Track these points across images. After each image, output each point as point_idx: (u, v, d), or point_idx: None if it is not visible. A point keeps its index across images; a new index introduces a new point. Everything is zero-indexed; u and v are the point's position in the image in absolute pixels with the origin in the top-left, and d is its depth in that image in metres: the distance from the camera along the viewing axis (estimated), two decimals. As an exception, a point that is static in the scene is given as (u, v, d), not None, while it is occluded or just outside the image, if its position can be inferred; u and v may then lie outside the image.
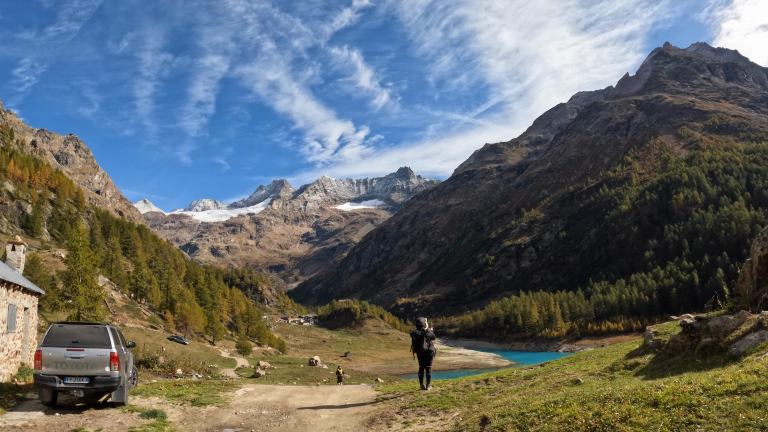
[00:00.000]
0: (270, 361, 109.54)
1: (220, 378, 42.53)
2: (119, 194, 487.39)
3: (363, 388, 26.56)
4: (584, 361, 20.99)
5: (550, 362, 24.41)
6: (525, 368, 24.58)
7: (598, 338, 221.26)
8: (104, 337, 19.00)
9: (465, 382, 22.87)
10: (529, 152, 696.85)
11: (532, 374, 21.12)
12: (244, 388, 24.76)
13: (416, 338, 22.56)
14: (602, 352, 22.98)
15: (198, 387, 25.00)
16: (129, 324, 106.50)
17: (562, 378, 16.30)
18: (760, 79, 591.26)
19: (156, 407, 19.63)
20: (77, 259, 62.07)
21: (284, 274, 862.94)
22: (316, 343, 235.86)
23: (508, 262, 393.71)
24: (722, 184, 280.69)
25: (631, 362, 15.18)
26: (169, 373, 50.40)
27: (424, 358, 22.79)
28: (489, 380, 21.93)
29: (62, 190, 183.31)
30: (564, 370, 18.75)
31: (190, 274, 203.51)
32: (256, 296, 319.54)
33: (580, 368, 18.24)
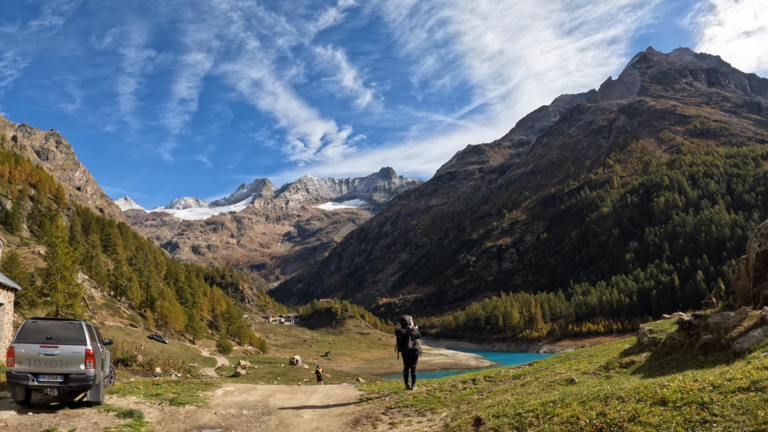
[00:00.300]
0: (250, 360, 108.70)
1: (199, 377, 41.78)
2: (100, 191, 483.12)
3: (346, 387, 25.95)
4: (574, 360, 20.49)
5: (539, 362, 23.87)
6: (513, 368, 24.02)
7: (579, 339, 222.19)
8: (79, 334, 18.12)
9: (451, 381, 22.29)
10: (512, 154, 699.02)
11: (521, 374, 20.65)
12: (224, 388, 24.01)
13: (401, 337, 21.97)
14: (591, 351, 22.44)
15: (177, 386, 24.18)
16: (108, 322, 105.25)
17: (555, 377, 15.80)
18: (741, 85, 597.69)
19: (133, 407, 18.88)
20: (56, 256, 61.16)
21: (265, 273, 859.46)
22: (297, 343, 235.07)
23: (490, 263, 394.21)
24: (703, 188, 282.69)
25: (627, 361, 14.68)
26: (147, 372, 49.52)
27: (409, 357, 22.15)
28: (476, 380, 21.42)
29: (42, 186, 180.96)
30: (554, 369, 18.24)
31: (170, 272, 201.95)
32: (236, 295, 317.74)
33: (572, 367, 17.75)
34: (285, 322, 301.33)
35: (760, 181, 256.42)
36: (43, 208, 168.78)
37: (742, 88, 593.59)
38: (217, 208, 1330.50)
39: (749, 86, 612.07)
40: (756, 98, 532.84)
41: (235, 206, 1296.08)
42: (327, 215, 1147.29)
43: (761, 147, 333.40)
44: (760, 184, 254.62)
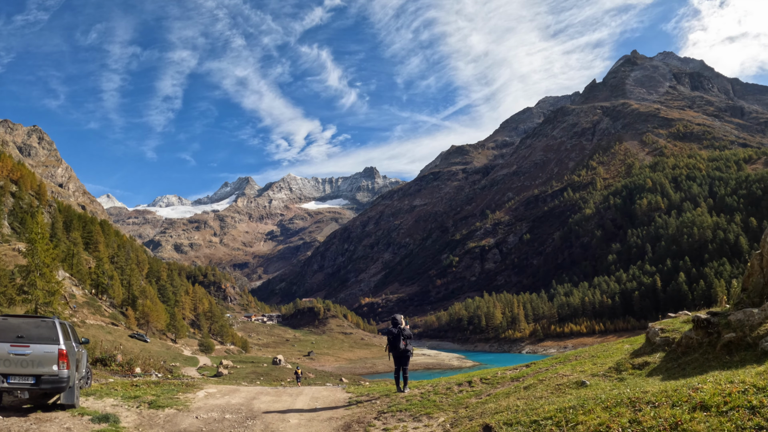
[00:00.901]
0: (233, 359, 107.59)
1: (180, 378, 40.57)
2: (82, 188, 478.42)
3: (333, 389, 25.05)
4: (575, 361, 19.54)
5: (536, 363, 22.89)
6: (509, 369, 23.01)
7: (561, 340, 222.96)
8: (52, 332, 16.84)
9: (446, 383, 21.35)
10: (495, 155, 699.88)
11: (520, 375, 19.81)
12: (206, 389, 22.98)
13: (392, 337, 20.96)
14: (592, 352, 21.35)
15: (156, 388, 23.11)
16: (90, 321, 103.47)
17: (562, 380, 14.87)
18: (724, 89, 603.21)
19: (110, 410, 17.76)
20: (35, 252, 59.83)
21: (248, 272, 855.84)
22: (280, 342, 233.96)
23: (472, 263, 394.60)
24: (685, 191, 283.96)
25: (639, 362, 13.75)
26: (127, 372, 48.25)
27: (401, 359, 21.20)
28: (472, 382, 20.50)
29: (24, 183, 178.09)
30: (557, 371, 17.23)
31: (152, 270, 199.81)
32: (219, 294, 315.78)
33: (576, 369, 16.83)
34: (267, 322, 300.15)
35: (742, 185, 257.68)
36: (25, 204, 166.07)
37: (726, 92, 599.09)
38: (200, 206, 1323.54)
39: (732, 90, 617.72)
40: (739, 102, 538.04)
41: (218, 204, 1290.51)
42: (310, 214, 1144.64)
43: (743, 151, 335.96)
44: (742, 187, 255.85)
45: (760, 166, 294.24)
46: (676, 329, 14.68)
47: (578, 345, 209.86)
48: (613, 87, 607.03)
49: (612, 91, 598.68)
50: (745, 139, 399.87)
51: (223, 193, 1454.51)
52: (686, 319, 15.34)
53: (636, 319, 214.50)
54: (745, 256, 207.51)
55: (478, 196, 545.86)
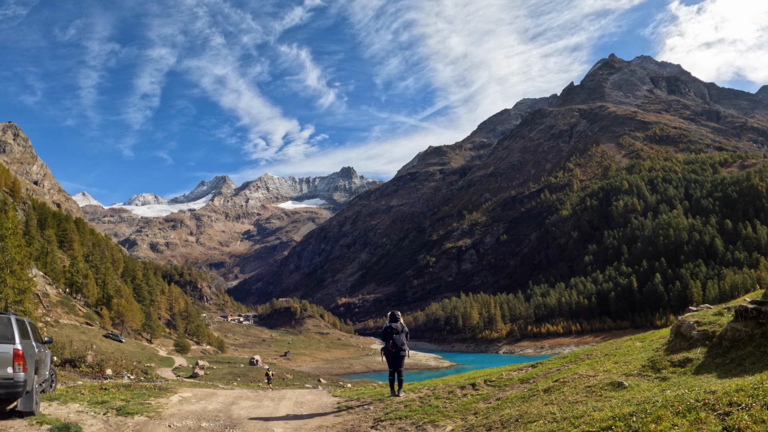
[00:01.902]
0: (209, 360, 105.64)
1: (153, 380, 38.73)
2: (57, 186, 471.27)
3: (319, 393, 23.21)
4: (590, 360, 17.95)
5: (543, 363, 21.32)
6: (513, 369, 21.32)
7: (538, 340, 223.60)
8: (7, 330, 14.79)
9: (445, 386, 19.71)
10: (473, 156, 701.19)
11: (528, 377, 18.26)
12: (180, 393, 21.22)
13: (396, 333, 19.56)
14: (603, 350, 19.66)
15: (127, 391, 21.31)
16: (63, 320, 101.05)
17: (589, 381, 13.31)
18: (701, 94, 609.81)
19: (73, 417, 15.93)
20: (6, 249, 57.51)
21: (224, 272, 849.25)
22: (256, 342, 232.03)
23: (449, 263, 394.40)
24: (661, 193, 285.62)
25: (679, 359, 12.36)
26: (97, 374, 46.31)
27: (398, 359, 19.60)
28: (476, 384, 18.78)
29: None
30: (574, 371, 15.68)
31: (128, 269, 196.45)
32: (195, 294, 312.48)
33: (597, 369, 15.30)
34: (244, 322, 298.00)
35: (718, 187, 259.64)
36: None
37: (702, 96, 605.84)
38: (177, 205, 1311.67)
39: (708, 95, 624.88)
40: (715, 107, 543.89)
41: (195, 203, 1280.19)
42: (287, 214, 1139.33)
43: (719, 154, 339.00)
44: (717, 190, 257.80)
45: (735, 169, 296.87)
46: (713, 322, 13.36)
47: (555, 345, 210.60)
48: (591, 90, 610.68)
49: (590, 93, 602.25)
50: (720, 143, 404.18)
51: (199, 192, 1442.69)
52: (718, 311, 14.05)
53: (612, 320, 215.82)
54: (720, 258, 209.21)
55: (455, 197, 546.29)
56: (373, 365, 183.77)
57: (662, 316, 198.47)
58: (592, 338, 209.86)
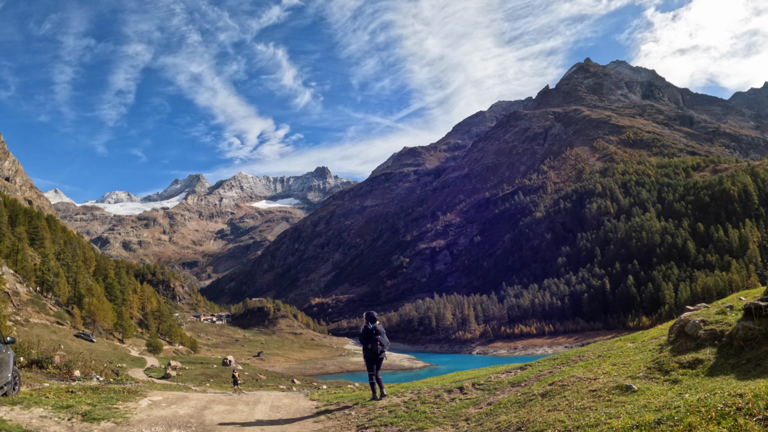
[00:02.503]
0: (181, 360, 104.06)
1: (123, 382, 37.31)
2: (29, 182, 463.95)
3: (295, 396, 22.21)
4: (584, 362, 16.96)
5: (532, 365, 20.37)
6: (501, 372, 20.42)
7: (512, 341, 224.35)
8: None
9: (430, 390, 18.74)
10: (447, 157, 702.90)
11: (519, 380, 17.25)
12: (150, 397, 20.06)
13: (379, 334, 19.20)
14: (596, 351, 18.93)
15: (94, 395, 20.05)
16: (34, 319, 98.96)
17: (592, 384, 12.48)
18: (674, 99, 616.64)
19: (36, 423, 14.88)
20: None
21: (197, 271, 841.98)
22: (229, 342, 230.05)
23: (423, 264, 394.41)
24: (634, 196, 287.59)
25: (688, 359, 11.56)
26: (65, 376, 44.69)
27: (378, 361, 19.23)
28: (464, 388, 17.79)
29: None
30: (568, 373, 14.87)
31: (99, 268, 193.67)
32: (168, 293, 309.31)
33: (595, 371, 14.42)
34: (217, 322, 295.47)
35: (690, 191, 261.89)
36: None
37: (676, 101, 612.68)
38: (150, 203, 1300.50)
39: (682, 100, 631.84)
40: (688, 112, 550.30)
41: (168, 202, 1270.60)
42: (261, 213, 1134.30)
43: (692, 158, 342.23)
44: (689, 193, 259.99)
45: (707, 173, 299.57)
46: (719, 321, 12.60)
47: (528, 346, 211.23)
48: (566, 93, 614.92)
49: (564, 97, 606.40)
50: (693, 148, 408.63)
51: (173, 190, 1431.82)
52: (720, 309, 13.32)
53: (585, 321, 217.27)
54: (692, 260, 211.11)
55: (429, 198, 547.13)
56: (347, 365, 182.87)
57: (635, 317, 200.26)
58: (565, 339, 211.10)
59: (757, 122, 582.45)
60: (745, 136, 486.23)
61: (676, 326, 13.27)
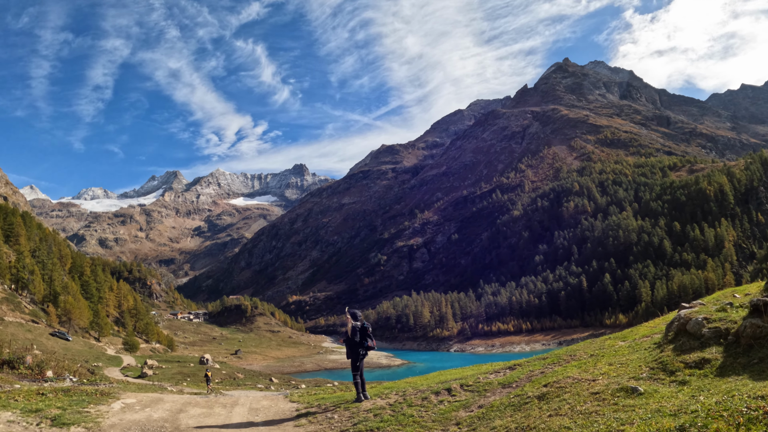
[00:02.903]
0: (158, 359, 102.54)
1: (97, 383, 36.16)
2: (5, 178, 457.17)
3: (274, 398, 21.31)
4: (578, 362, 16.13)
5: (521, 364, 19.45)
6: (489, 372, 19.36)
7: (489, 338, 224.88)
8: None
9: (416, 391, 17.82)
10: (425, 155, 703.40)
11: (510, 381, 16.37)
12: (123, 400, 19.02)
13: (364, 333, 18.21)
14: (588, 350, 18.12)
15: (65, 397, 18.87)
16: (8, 318, 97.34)
17: (592, 387, 11.70)
18: (652, 99, 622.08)
19: (2, 429, 14.02)
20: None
21: (174, 269, 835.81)
22: (206, 340, 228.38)
23: (401, 262, 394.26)
24: (611, 195, 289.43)
25: (694, 359, 10.93)
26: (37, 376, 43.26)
27: (362, 359, 18.28)
28: (452, 389, 16.88)
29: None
30: (562, 374, 14.15)
31: (75, 265, 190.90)
32: (144, 291, 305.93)
33: (591, 372, 13.61)
34: (194, 319, 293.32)
35: (667, 190, 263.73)
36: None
37: (653, 102, 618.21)
38: (126, 200, 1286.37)
39: (659, 101, 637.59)
40: (665, 112, 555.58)
41: (145, 199, 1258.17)
42: (238, 210, 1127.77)
43: (668, 158, 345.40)
44: (666, 193, 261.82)
45: (684, 173, 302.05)
46: (723, 318, 12.04)
47: (506, 344, 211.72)
48: (544, 93, 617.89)
49: (543, 96, 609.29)
50: (670, 148, 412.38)
51: (150, 186, 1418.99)
52: (720, 306, 12.79)
53: (563, 319, 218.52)
54: (668, 259, 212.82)
55: (407, 196, 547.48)
56: (325, 363, 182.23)
57: (611, 315, 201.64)
58: (542, 337, 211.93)
59: (733, 123, 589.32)
60: (721, 137, 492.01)
61: (675, 324, 12.72)
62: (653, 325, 18.93)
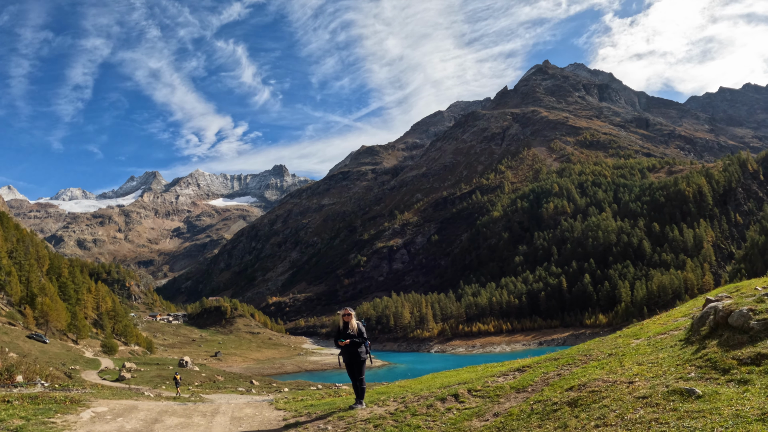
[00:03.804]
0: (136, 362, 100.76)
1: (68, 389, 34.44)
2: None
3: (259, 405, 19.52)
4: (597, 362, 14.36)
5: (530, 365, 17.35)
6: (497, 375, 17.18)
7: (470, 339, 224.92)
8: None
9: (417, 397, 15.89)
10: (405, 156, 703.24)
11: (524, 384, 14.49)
12: (94, 408, 17.32)
13: (358, 335, 16.56)
14: (604, 348, 16.30)
15: (32, 405, 16.94)
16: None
17: (636, 390, 10.04)
18: (631, 102, 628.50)
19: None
20: None
21: (153, 270, 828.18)
22: (186, 342, 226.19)
23: (380, 263, 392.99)
24: (591, 196, 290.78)
25: (749, 354, 9.58)
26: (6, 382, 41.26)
27: (358, 364, 16.55)
28: (459, 395, 14.90)
29: None
30: (589, 375, 12.56)
31: (53, 267, 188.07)
32: (123, 292, 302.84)
33: (621, 371, 11.98)
34: (173, 321, 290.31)
35: (646, 192, 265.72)
36: None
37: (632, 104, 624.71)
38: (105, 200, 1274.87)
39: (638, 103, 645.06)
40: (644, 115, 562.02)
41: (124, 199, 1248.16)
42: (218, 211, 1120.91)
43: (647, 160, 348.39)
44: (645, 194, 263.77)
45: (663, 174, 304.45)
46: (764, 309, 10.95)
47: (486, 344, 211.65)
48: (524, 94, 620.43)
49: (523, 98, 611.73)
50: (649, 149, 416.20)
51: (129, 187, 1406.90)
52: (758, 297, 11.62)
53: (543, 319, 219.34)
54: (648, 259, 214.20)
55: (387, 197, 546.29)
56: (305, 365, 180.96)
57: (591, 315, 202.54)
58: (522, 337, 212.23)
59: (711, 126, 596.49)
60: (699, 139, 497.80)
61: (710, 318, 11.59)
62: (663, 322, 17.66)
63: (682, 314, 17.91)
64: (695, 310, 17.06)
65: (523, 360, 19.15)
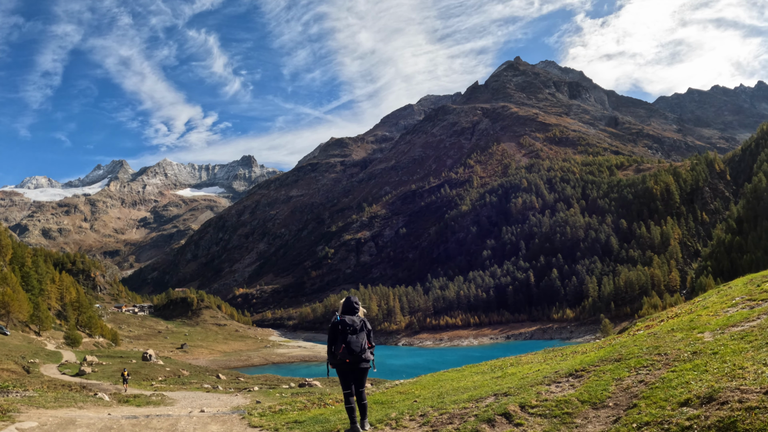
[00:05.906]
0: (99, 355, 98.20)
1: (7, 391, 32.18)
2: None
3: (228, 419, 15.44)
4: (690, 363, 10.94)
5: (587, 369, 12.99)
6: (544, 383, 12.65)
7: (437, 332, 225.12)
8: None
9: (443, 414, 11.63)
10: (375, 149, 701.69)
11: (599, 397, 10.56)
12: (20, 424, 13.58)
13: (351, 332, 12.16)
14: (673, 345, 12.71)
15: None
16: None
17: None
18: (600, 100, 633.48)
19: None
20: None
21: (119, 261, 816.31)
22: (152, 334, 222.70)
23: (348, 255, 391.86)
24: (559, 192, 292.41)
25: None
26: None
27: (358, 373, 12.27)
28: (510, 414, 10.66)
29: None
30: (708, 383, 9.26)
31: (16, 256, 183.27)
32: (88, 283, 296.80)
33: (744, 375, 9.03)
34: (139, 312, 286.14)
35: (614, 189, 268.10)
36: None
37: (602, 103, 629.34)
38: (71, 189, 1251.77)
39: (608, 102, 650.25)
40: (614, 113, 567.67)
41: (90, 188, 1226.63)
42: (185, 202, 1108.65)
43: (615, 157, 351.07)
44: (613, 191, 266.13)
45: (631, 172, 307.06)
46: None
47: (454, 337, 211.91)
48: (495, 90, 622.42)
49: (493, 93, 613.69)
50: (617, 147, 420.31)
51: (95, 176, 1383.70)
52: None
53: (510, 313, 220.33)
54: (615, 255, 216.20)
55: (355, 189, 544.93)
56: (272, 357, 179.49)
57: (559, 309, 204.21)
58: (490, 331, 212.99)
59: (679, 126, 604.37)
60: (667, 138, 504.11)
61: None
62: (713, 311, 15.36)
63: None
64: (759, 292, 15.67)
65: (565, 361, 16.03)
